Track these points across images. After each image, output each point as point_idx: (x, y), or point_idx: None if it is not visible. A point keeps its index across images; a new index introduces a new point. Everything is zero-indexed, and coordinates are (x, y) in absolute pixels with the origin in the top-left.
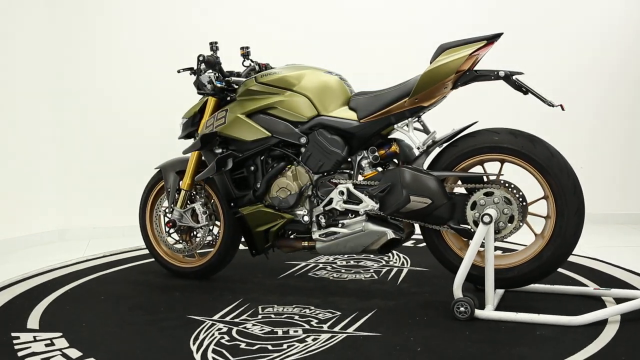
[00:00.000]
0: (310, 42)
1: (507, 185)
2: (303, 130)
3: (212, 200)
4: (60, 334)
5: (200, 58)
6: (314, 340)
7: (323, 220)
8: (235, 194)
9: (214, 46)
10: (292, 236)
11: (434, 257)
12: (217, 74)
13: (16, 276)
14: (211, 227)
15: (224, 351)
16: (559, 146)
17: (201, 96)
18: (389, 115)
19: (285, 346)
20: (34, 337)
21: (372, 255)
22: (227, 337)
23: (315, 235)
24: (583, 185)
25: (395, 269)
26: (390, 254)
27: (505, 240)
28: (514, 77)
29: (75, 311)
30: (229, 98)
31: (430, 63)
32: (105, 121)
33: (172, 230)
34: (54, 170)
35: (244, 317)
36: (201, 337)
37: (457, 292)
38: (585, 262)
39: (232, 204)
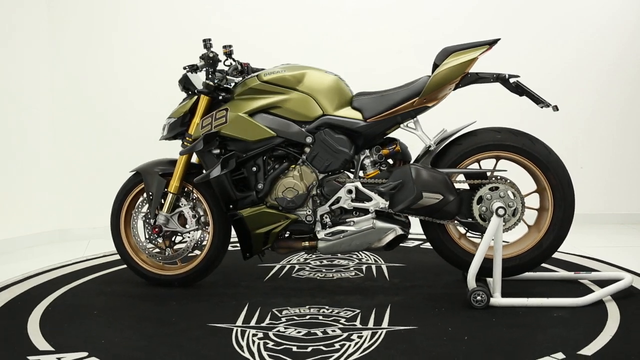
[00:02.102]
0: (307, 42)
1: (506, 180)
2: (309, 130)
3: (196, 203)
4: (87, 353)
5: (211, 55)
6: (359, 337)
7: (328, 220)
8: (236, 196)
9: (208, 43)
10: (284, 237)
11: (436, 251)
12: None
13: (16, 276)
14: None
15: (281, 355)
16: (558, 146)
17: (185, 95)
18: (396, 115)
19: (337, 346)
20: (58, 358)
21: (339, 254)
22: (271, 342)
23: (320, 235)
24: (583, 185)
25: (374, 266)
26: (358, 253)
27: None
28: (511, 80)
29: (79, 323)
30: (220, 97)
31: (434, 65)
32: (105, 121)
33: (154, 237)
34: (54, 170)
35: (268, 321)
36: (243, 344)
37: (472, 282)
38: (584, 262)
39: (230, 206)
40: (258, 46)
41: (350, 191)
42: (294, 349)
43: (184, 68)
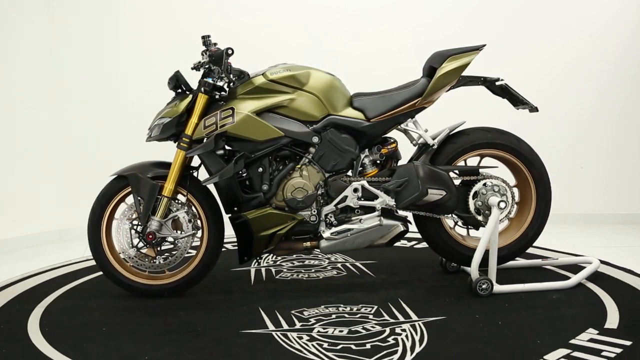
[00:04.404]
0: (307, 42)
1: (498, 177)
2: (316, 130)
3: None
4: None
5: (230, 52)
6: (402, 330)
7: (333, 219)
8: (242, 198)
9: (207, 40)
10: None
11: (428, 244)
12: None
13: (16, 276)
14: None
15: (347, 354)
16: (558, 146)
17: (174, 94)
18: (398, 115)
19: (391, 340)
20: None
21: (303, 254)
22: (325, 343)
23: (326, 234)
24: (583, 185)
25: (348, 264)
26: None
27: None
28: (497, 83)
29: (98, 338)
30: (217, 96)
31: (430, 68)
32: (105, 121)
33: (139, 243)
34: (54, 170)
35: (299, 323)
36: (296, 347)
37: (475, 272)
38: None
39: (234, 209)
40: (258, 46)
41: (356, 190)
42: (353, 347)
43: (197, 68)
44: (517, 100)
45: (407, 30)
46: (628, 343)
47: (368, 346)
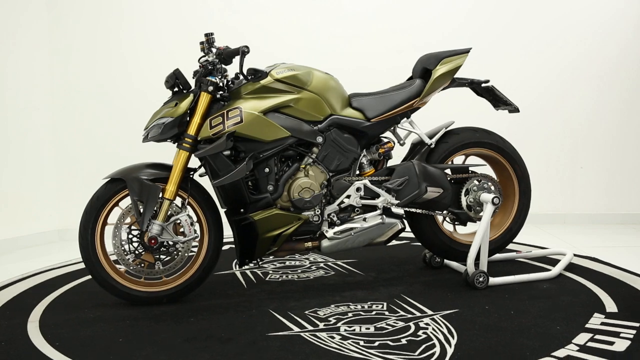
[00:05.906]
0: (307, 42)
1: (487, 175)
2: (320, 130)
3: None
4: None
5: (246, 50)
6: (426, 325)
7: (336, 218)
8: (250, 199)
9: (211, 38)
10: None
11: (421, 241)
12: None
13: (16, 276)
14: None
15: (389, 350)
16: (558, 146)
17: (171, 93)
18: (397, 115)
19: (422, 335)
20: None
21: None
22: (361, 341)
23: (329, 234)
24: (583, 185)
25: (330, 263)
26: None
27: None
28: (483, 85)
29: (112, 346)
30: (218, 95)
31: (424, 70)
32: (105, 121)
33: (136, 247)
34: (54, 170)
35: (321, 324)
36: (333, 346)
37: (471, 266)
38: (583, 262)
39: (241, 210)
40: (258, 46)
41: (359, 189)
42: (390, 343)
43: (205, 66)
44: (499, 101)
45: (407, 30)
46: (637, 324)
47: (404, 341)
